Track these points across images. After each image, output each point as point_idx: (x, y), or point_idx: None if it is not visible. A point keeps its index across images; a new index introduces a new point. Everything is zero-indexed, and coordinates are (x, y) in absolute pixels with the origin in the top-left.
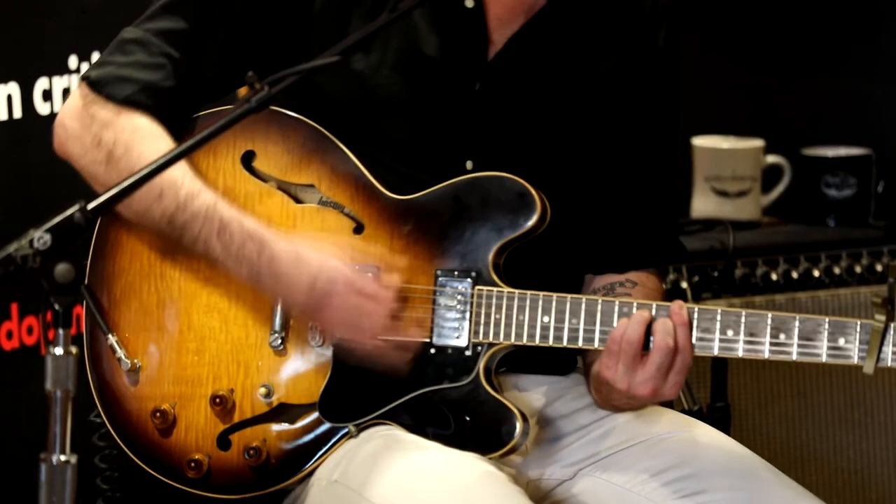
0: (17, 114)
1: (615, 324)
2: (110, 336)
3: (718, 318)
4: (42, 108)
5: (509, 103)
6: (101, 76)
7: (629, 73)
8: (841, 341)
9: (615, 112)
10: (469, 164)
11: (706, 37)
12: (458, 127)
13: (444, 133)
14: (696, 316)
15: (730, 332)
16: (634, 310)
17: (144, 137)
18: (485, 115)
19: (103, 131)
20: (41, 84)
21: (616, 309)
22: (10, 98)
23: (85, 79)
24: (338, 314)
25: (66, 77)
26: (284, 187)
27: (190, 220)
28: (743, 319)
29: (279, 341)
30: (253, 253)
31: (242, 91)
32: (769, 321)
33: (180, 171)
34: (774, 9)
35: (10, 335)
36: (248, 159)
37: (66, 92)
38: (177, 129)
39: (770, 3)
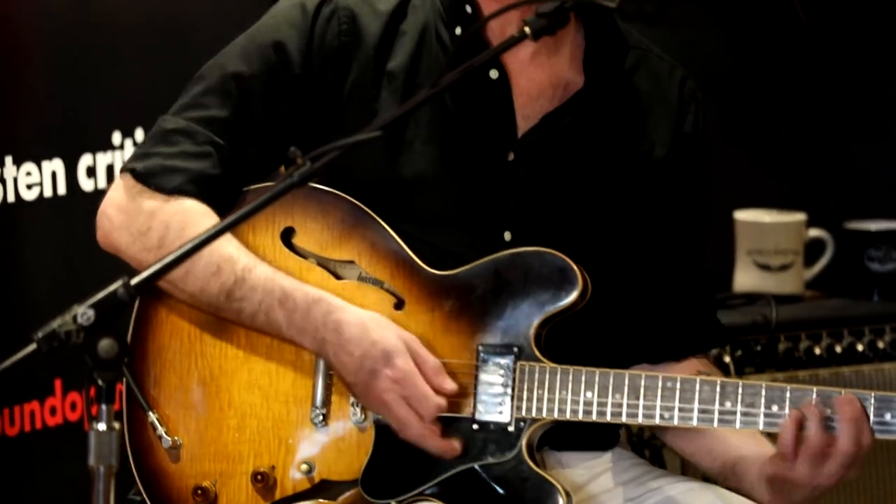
0: (62, 190)
1: (658, 399)
2: (151, 413)
3: (763, 393)
4: (86, 184)
5: (544, 176)
6: (149, 168)
7: (660, 158)
8: (887, 416)
9: (648, 193)
10: (507, 235)
11: (747, 110)
12: (494, 198)
13: (481, 204)
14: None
15: (774, 407)
16: (678, 384)
17: (197, 217)
18: (520, 185)
19: (152, 220)
20: (85, 160)
21: (660, 384)
22: (54, 174)
23: (130, 171)
24: (376, 400)
25: (109, 153)
26: (324, 263)
27: (249, 292)
28: (788, 395)
29: (320, 417)
30: (319, 318)
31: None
32: (814, 396)
33: (233, 246)
34: (815, 82)
35: (53, 411)
36: (287, 236)
37: (109, 168)
38: (225, 213)
39: (811, 77)
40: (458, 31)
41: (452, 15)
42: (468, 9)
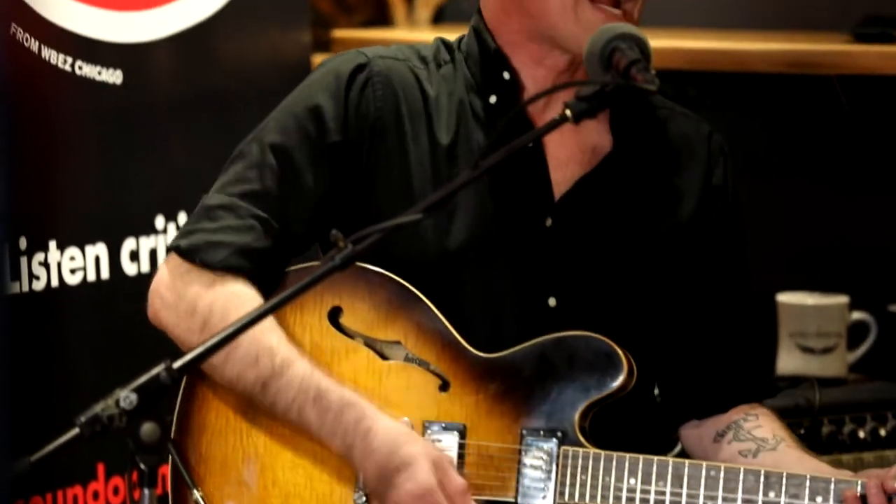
0: (105, 274)
1: (702, 488)
2: (195, 491)
3: (808, 484)
4: (129, 268)
5: (583, 239)
6: (193, 244)
7: (692, 212)
8: None
9: (684, 249)
10: (552, 302)
11: (789, 193)
12: (536, 265)
13: (523, 272)
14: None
15: (819, 499)
16: (722, 473)
17: (242, 301)
18: (561, 250)
19: (198, 300)
20: (128, 245)
21: (703, 473)
22: (97, 259)
23: (174, 248)
24: None
25: (152, 237)
26: (370, 343)
27: (284, 387)
28: (832, 486)
29: (363, 499)
30: (350, 422)
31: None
32: (858, 489)
33: (275, 337)
34: (857, 165)
35: (96, 495)
36: (334, 315)
37: (153, 252)
38: (270, 290)
39: (853, 160)
40: (492, 99)
41: (487, 82)
42: (506, 75)
